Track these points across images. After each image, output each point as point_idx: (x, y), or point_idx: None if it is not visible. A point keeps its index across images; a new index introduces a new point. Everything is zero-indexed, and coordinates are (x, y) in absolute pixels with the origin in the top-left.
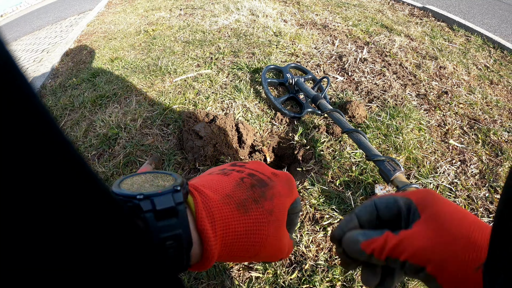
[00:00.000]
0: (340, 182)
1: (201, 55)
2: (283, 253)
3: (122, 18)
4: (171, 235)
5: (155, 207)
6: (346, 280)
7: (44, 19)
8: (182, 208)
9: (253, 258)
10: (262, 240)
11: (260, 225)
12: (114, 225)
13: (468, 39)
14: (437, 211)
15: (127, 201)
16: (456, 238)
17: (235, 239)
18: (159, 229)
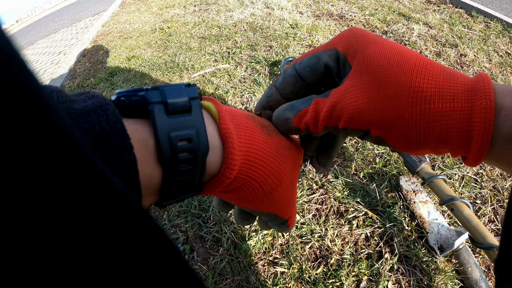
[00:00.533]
0: (364, 174)
1: (218, 50)
2: (294, 208)
3: (136, 17)
4: (183, 134)
5: (166, 98)
6: (373, 275)
7: (59, 22)
8: (197, 104)
9: (268, 197)
10: (282, 172)
11: (281, 155)
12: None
13: (488, 26)
14: (370, 57)
15: (131, 95)
16: (397, 89)
17: (258, 157)
18: (169, 126)
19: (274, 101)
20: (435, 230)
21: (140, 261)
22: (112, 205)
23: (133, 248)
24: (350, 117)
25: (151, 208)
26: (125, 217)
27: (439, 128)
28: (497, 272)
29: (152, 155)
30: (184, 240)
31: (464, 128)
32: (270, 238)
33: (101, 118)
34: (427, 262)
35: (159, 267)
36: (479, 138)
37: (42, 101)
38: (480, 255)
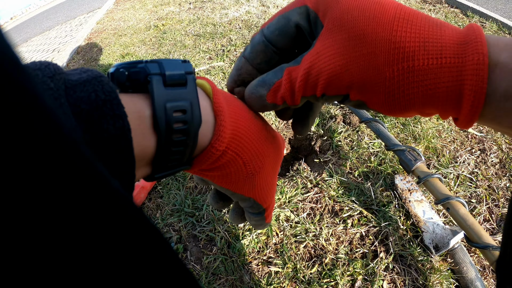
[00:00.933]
0: (359, 173)
1: (212, 48)
2: (273, 198)
3: (131, 14)
4: (178, 105)
5: (164, 70)
6: (368, 274)
7: (54, 20)
8: (192, 78)
9: (250, 179)
10: (266, 155)
11: (266, 138)
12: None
13: (483, 26)
14: (343, 11)
15: (130, 67)
16: (375, 46)
17: (246, 135)
18: (166, 97)
19: (245, 74)
20: (430, 229)
21: (135, 260)
22: (110, 206)
23: (129, 247)
24: (327, 82)
25: (144, 207)
26: (122, 217)
27: (425, 88)
28: (498, 273)
29: (147, 125)
30: (178, 239)
31: (454, 87)
32: (264, 237)
33: (97, 88)
34: (422, 262)
35: (154, 267)
36: (471, 97)
37: (40, 102)
38: (476, 254)
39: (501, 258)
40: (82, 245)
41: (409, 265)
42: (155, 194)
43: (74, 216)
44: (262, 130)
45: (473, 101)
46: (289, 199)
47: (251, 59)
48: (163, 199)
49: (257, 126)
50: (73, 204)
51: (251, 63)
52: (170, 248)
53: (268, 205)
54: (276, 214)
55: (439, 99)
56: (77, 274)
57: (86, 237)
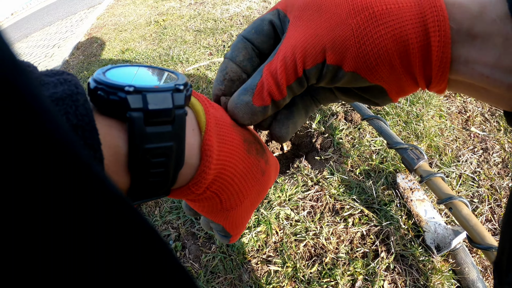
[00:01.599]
0: (360, 171)
1: (213, 43)
2: (243, 228)
3: (131, 9)
4: (160, 147)
5: (147, 105)
6: (368, 274)
7: (54, 15)
8: (181, 113)
9: (224, 213)
10: (247, 194)
11: (253, 178)
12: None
13: None
14: (303, 1)
15: (110, 93)
16: (335, 7)
17: (230, 176)
18: (146, 138)
19: (230, 72)
20: (432, 229)
21: (132, 259)
22: (109, 207)
23: (126, 246)
24: (303, 54)
25: (143, 205)
26: (121, 217)
27: (390, 29)
28: (495, 274)
29: (122, 164)
30: (176, 237)
31: (418, 25)
32: (263, 236)
33: (69, 110)
34: (424, 262)
35: (150, 267)
36: (437, 32)
37: (38, 104)
38: (477, 255)
39: (498, 259)
40: (79, 245)
41: (410, 265)
42: None
43: (71, 214)
44: (252, 168)
45: (440, 36)
46: (289, 197)
47: (233, 57)
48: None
49: (246, 164)
50: (71, 203)
51: (235, 61)
52: (167, 247)
53: (236, 233)
54: (276, 212)
55: (408, 41)
56: (73, 273)
57: (83, 237)
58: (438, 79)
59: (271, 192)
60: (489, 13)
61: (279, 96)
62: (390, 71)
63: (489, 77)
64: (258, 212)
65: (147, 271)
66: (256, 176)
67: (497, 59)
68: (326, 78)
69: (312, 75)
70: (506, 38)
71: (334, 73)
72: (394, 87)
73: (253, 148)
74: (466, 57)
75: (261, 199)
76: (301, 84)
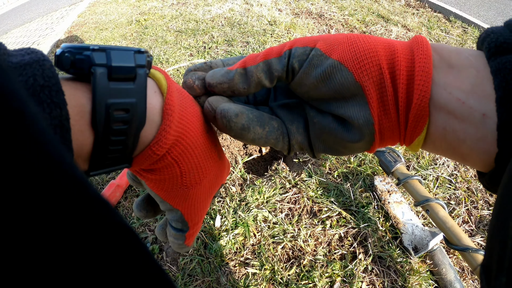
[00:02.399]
0: (338, 174)
1: (194, 44)
2: (200, 222)
3: (113, 8)
4: (121, 102)
5: (111, 61)
6: (346, 276)
7: (35, 11)
8: (143, 73)
9: (184, 191)
10: (206, 172)
11: (211, 157)
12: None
13: (465, 31)
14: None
15: (76, 53)
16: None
17: (191, 146)
18: (109, 92)
19: (214, 65)
20: (410, 230)
21: (110, 261)
22: (89, 210)
23: (105, 248)
24: (293, 42)
25: (120, 207)
26: (101, 220)
27: (381, 41)
28: (483, 277)
29: (87, 122)
30: (153, 239)
31: (405, 46)
32: (241, 238)
33: (36, 72)
34: (402, 263)
35: (128, 268)
36: (420, 52)
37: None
38: (454, 255)
39: (486, 262)
40: (54, 245)
41: (388, 267)
42: (131, 193)
43: (47, 215)
44: (210, 147)
45: (422, 54)
46: (267, 199)
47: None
48: (139, 198)
49: (206, 140)
50: (47, 203)
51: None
52: (146, 250)
53: (193, 224)
54: (254, 214)
55: (395, 51)
56: (48, 275)
57: (58, 238)
58: (419, 95)
59: (249, 194)
60: (463, 52)
61: (252, 62)
62: (375, 71)
63: (464, 102)
64: (236, 215)
65: (125, 273)
66: (214, 156)
67: (471, 87)
68: (311, 63)
69: (297, 56)
70: (478, 71)
71: (319, 60)
72: (375, 100)
73: (211, 131)
74: (444, 81)
75: (218, 186)
76: (280, 62)
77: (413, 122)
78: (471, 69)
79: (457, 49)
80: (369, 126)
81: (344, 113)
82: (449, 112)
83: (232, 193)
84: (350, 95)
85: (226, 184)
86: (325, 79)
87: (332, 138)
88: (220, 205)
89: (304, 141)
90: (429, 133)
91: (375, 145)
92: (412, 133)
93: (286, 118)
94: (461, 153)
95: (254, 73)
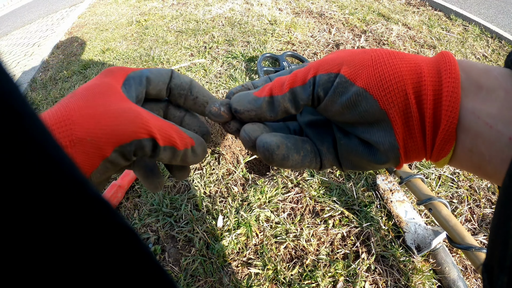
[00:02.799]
0: (340, 173)
1: (194, 45)
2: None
3: (113, 9)
4: None
5: None
6: (349, 275)
7: (35, 13)
8: None
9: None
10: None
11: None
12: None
13: (466, 29)
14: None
15: None
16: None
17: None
18: None
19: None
20: (412, 229)
21: (109, 261)
22: (89, 211)
23: (104, 249)
24: (318, 66)
25: (121, 207)
26: (100, 221)
27: (407, 62)
28: (485, 277)
29: None
30: (155, 240)
31: (432, 65)
32: (243, 238)
33: None
34: (405, 262)
35: (128, 268)
36: (448, 73)
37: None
38: (457, 254)
39: (488, 262)
40: (56, 246)
41: (391, 266)
42: (133, 193)
43: (47, 219)
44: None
45: (450, 77)
46: (269, 199)
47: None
48: (140, 198)
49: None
50: (49, 204)
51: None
52: (147, 251)
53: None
54: (256, 214)
55: (421, 73)
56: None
57: (60, 240)
58: (447, 121)
59: (251, 194)
60: (492, 71)
61: (279, 91)
62: (401, 97)
63: (492, 127)
64: (238, 215)
65: (125, 273)
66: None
67: (499, 110)
68: (336, 91)
69: (321, 84)
70: (507, 92)
71: (344, 87)
72: (400, 126)
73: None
74: (473, 105)
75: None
76: (305, 90)
77: (439, 145)
78: (499, 90)
79: (486, 68)
80: (394, 151)
81: (369, 138)
82: (477, 135)
83: (234, 193)
84: (375, 121)
85: (228, 184)
86: (350, 107)
87: (359, 159)
88: (222, 205)
89: (335, 160)
90: (455, 153)
91: (401, 164)
92: (438, 154)
93: (316, 138)
94: (486, 172)
95: (281, 103)
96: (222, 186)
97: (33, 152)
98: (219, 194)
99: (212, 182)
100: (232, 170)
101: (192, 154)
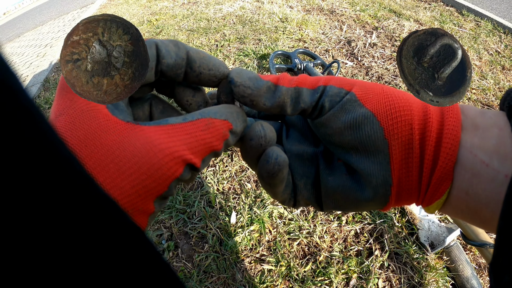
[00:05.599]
0: None
1: (206, 43)
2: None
3: (124, 9)
4: None
5: None
6: (362, 272)
7: (47, 15)
8: None
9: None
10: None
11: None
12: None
13: (478, 24)
14: None
15: None
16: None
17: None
18: None
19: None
20: (426, 226)
21: (116, 260)
22: (97, 208)
23: (111, 247)
24: (332, 78)
25: None
26: (108, 218)
27: (413, 98)
28: (491, 275)
29: None
30: (169, 236)
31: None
32: (256, 235)
33: None
34: (418, 259)
35: (135, 266)
36: (450, 112)
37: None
38: (471, 252)
39: (495, 260)
40: (61, 244)
41: (405, 263)
42: None
43: (55, 216)
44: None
45: (452, 116)
46: None
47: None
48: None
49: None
50: (55, 203)
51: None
52: (154, 248)
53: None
54: (269, 211)
55: (427, 108)
56: (53, 274)
57: (67, 238)
58: (445, 158)
59: (264, 191)
60: (487, 112)
61: (287, 83)
62: (406, 131)
63: (488, 165)
64: (251, 211)
65: (131, 271)
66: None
67: (494, 147)
68: (343, 107)
69: (330, 95)
70: (500, 129)
71: (353, 106)
72: (398, 161)
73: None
74: (471, 143)
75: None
76: (311, 95)
77: (435, 185)
78: (494, 128)
79: (481, 110)
80: (386, 187)
81: (362, 168)
82: (474, 175)
83: (247, 189)
84: (374, 150)
85: (241, 181)
86: (354, 127)
87: (344, 197)
88: (236, 201)
89: (311, 197)
90: (450, 196)
91: (388, 206)
92: (432, 195)
93: (297, 170)
94: (482, 217)
95: (282, 94)
96: (235, 183)
97: (43, 148)
98: (232, 190)
99: (225, 179)
100: (245, 167)
101: (233, 137)
